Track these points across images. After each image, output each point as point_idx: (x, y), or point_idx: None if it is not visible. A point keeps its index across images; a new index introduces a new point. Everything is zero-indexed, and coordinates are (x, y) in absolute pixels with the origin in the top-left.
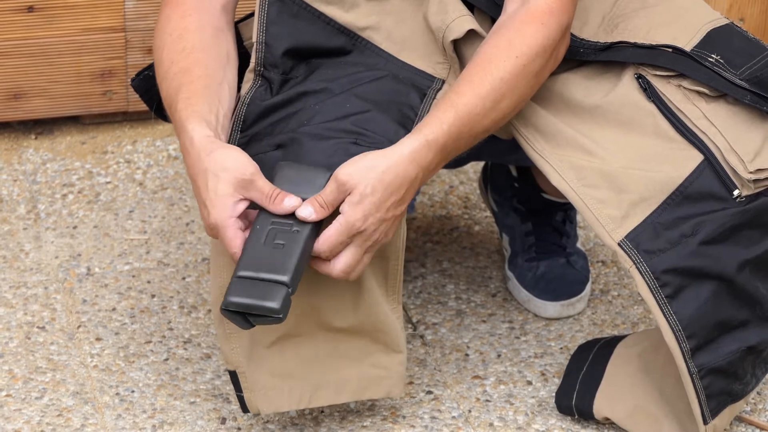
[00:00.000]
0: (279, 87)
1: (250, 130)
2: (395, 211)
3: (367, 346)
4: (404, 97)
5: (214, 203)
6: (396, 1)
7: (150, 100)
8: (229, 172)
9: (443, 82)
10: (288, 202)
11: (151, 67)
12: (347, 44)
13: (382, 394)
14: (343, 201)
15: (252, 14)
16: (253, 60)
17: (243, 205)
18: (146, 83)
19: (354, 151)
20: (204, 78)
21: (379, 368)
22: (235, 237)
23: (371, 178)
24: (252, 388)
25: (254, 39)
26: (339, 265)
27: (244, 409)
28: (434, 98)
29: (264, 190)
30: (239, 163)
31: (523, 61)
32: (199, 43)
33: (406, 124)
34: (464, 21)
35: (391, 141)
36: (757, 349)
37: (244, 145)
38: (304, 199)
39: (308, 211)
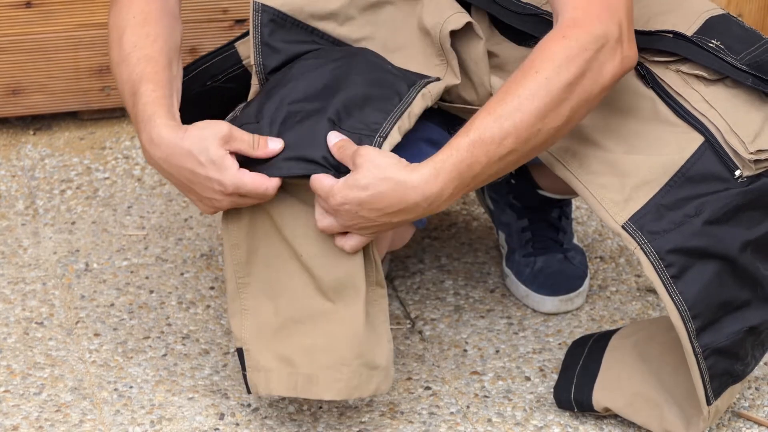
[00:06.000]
0: None
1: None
2: (379, 219)
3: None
4: (392, 85)
5: (220, 169)
6: (390, 9)
7: None
8: (210, 138)
9: (439, 79)
10: (272, 144)
11: None
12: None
13: (371, 392)
14: (348, 162)
15: (248, 33)
16: (255, 82)
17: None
18: None
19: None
20: (167, 70)
21: (370, 368)
22: (258, 175)
23: (374, 176)
24: (254, 367)
25: (252, 62)
26: (328, 226)
27: (247, 389)
28: (424, 86)
29: (245, 138)
30: (211, 125)
31: (544, 74)
32: (162, 32)
33: (387, 109)
34: (462, 16)
35: (371, 130)
36: (757, 330)
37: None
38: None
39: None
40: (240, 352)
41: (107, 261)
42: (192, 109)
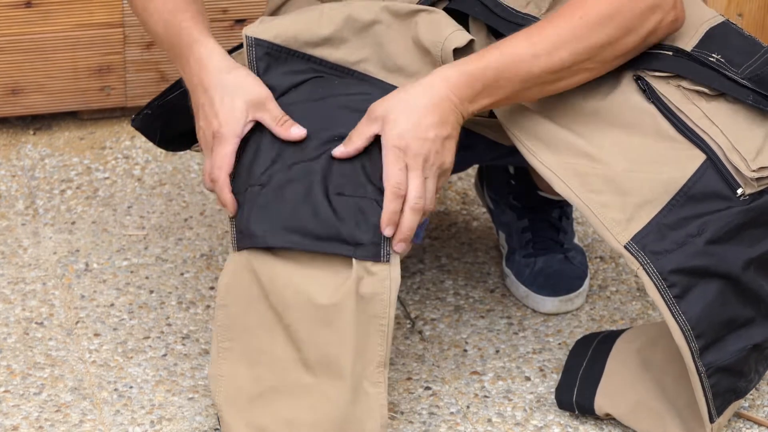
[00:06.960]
0: None
1: None
2: (437, 131)
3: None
4: None
5: (227, 118)
6: (382, 28)
7: (152, 136)
8: (245, 91)
9: None
10: (295, 130)
11: (149, 106)
12: (343, 77)
13: None
14: (375, 132)
15: (240, 46)
16: None
17: (248, 127)
18: (146, 121)
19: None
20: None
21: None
22: (231, 155)
23: (402, 102)
24: None
25: None
26: (408, 193)
27: None
28: None
29: (274, 113)
30: (255, 85)
31: (586, 18)
32: (201, 9)
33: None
34: (463, 34)
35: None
36: (761, 347)
37: None
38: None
39: (339, 150)
40: (218, 418)
41: (107, 261)
42: (190, 121)
